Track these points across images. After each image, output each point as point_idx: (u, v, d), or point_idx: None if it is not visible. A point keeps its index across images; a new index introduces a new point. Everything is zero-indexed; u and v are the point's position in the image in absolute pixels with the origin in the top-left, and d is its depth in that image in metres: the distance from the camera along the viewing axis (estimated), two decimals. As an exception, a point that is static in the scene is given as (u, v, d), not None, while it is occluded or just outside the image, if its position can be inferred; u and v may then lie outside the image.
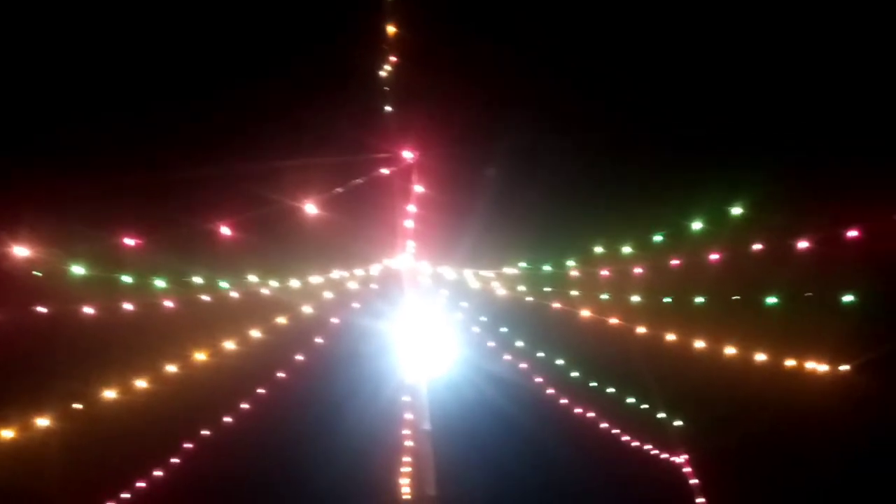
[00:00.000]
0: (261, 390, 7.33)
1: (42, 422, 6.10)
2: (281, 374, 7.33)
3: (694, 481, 8.91)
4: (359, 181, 4.83)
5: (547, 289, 7.49)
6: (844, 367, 8.00)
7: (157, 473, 7.22)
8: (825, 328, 7.73)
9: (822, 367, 7.97)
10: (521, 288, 7.51)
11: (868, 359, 7.95)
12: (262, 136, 5.14)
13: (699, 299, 7.51)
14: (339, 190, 4.79)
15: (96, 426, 6.49)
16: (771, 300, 7.39)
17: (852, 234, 6.65)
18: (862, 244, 6.70)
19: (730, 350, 7.77)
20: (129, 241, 4.80)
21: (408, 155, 4.95)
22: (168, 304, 5.80)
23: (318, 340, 7.35)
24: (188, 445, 7.25)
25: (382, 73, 5.08)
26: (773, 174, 6.58)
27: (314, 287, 6.75)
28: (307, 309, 6.98)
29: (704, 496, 8.81)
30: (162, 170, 4.92)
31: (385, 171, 4.91)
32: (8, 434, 5.97)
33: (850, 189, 6.70)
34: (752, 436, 8.20)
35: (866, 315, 7.50)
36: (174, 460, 7.24)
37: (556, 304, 7.61)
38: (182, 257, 5.37)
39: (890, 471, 7.94)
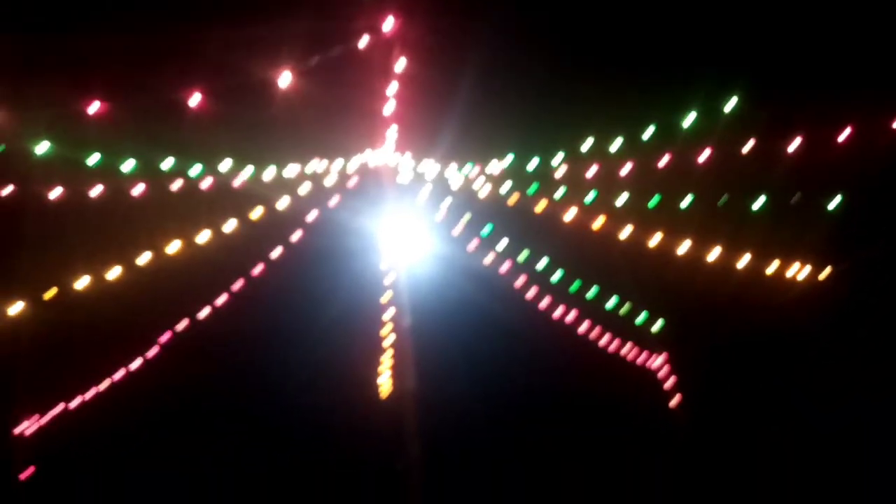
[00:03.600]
0: (235, 285, 7.18)
1: (13, 310, 5.93)
2: (256, 269, 7.16)
3: (670, 381, 9.07)
4: (335, 52, 4.47)
5: (532, 187, 7.31)
6: (824, 274, 8.04)
7: (133, 366, 7.14)
8: (808, 234, 7.71)
9: (803, 273, 8.01)
10: (506, 186, 7.32)
11: (846, 266, 8.00)
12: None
13: (685, 201, 7.41)
14: (314, 60, 4.44)
15: (68, 316, 6.36)
16: (757, 203, 7.32)
17: (844, 135, 6.51)
18: (853, 146, 6.58)
19: (713, 254, 7.73)
20: (96, 109, 4.45)
21: (389, 25, 4.57)
22: (136, 188, 5.53)
23: (294, 236, 7.16)
24: (162, 340, 7.14)
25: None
26: (768, 68, 6.35)
27: (289, 180, 6.50)
28: (282, 203, 6.74)
29: (680, 394, 9.00)
30: (129, 32, 4.49)
31: (363, 41, 4.55)
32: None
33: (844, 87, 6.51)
34: (729, 338, 8.31)
35: (849, 221, 7.47)
36: (150, 354, 7.15)
37: (541, 204, 7.45)
38: (150, 135, 5.06)
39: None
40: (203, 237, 6.49)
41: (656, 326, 8.85)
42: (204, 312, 7.18)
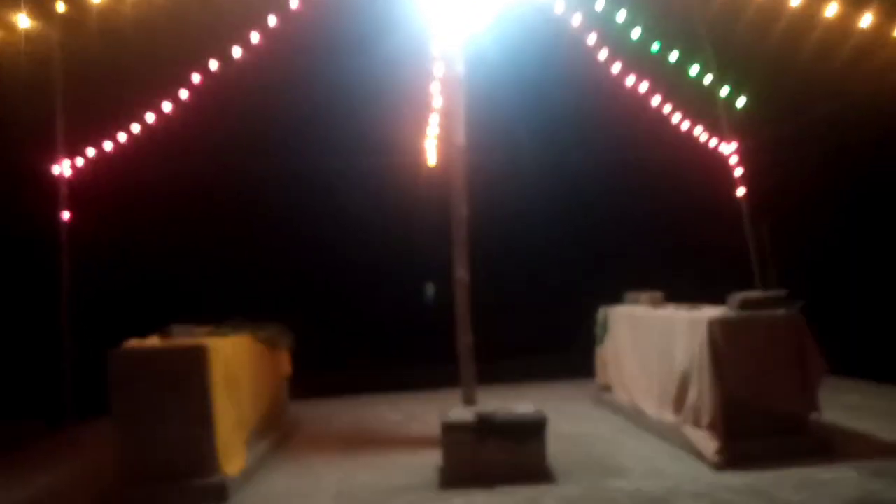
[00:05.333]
0: (270, 22, 6.40)
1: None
2: (293, 2, 6.33)
3: (739, 171, 8.23)
4: None
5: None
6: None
7: (165, 104, 6.67)
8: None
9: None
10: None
11: None
12: None
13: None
14: None
15: (93, 46, 5.80)
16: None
17: None
18: None
19: (830, 9, 6.39)
20: None
21: None
22: None
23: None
24: (195, 77, 6.58)
25: None
26: None
27: None
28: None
29: (746, 186, 8.19)
30: None
31: None
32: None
33: None
34: (821, 125, 7.16)
35: None
36: (182, 92, 6.63)
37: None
38: None
39: None
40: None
41: (740, 103, 7.81)
42: (237, 52, 6.50)
